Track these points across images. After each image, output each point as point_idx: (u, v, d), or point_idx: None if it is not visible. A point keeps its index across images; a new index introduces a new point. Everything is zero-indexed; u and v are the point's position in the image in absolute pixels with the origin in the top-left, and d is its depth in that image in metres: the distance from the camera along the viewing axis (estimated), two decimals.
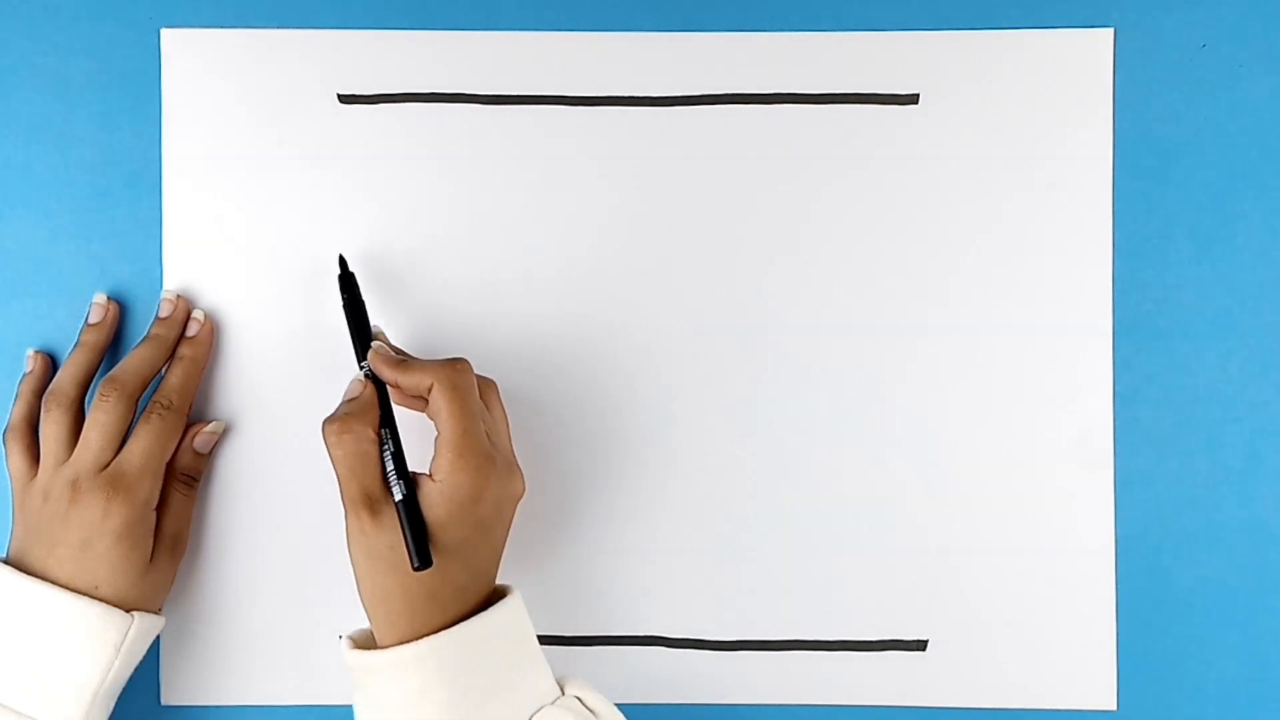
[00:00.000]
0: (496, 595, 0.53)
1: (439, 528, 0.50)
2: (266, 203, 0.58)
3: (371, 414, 0.52)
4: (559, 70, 0.58)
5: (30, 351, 0.58)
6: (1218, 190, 0.58)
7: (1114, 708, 0.58)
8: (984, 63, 0.58)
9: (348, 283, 0.56)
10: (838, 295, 0.58)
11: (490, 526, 0.52)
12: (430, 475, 0.51)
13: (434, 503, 0.50)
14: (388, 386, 0.53)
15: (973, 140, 0.58)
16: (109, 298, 0.58)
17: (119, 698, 0.54)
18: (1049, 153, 0.58)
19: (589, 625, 0.58)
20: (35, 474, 0.55)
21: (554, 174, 0.58)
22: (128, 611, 0.53)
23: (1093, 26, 0.58)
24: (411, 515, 0.50)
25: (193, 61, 0.58)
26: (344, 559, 0.58)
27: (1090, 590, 0.58)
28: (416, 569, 0.49)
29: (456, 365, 0.52)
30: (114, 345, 0.58)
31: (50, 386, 0.56)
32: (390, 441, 0.52)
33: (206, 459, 0.58)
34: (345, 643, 0.52)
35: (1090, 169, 0.58)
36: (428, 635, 0.50)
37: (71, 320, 0.58)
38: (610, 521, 0.58)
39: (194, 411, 0.58)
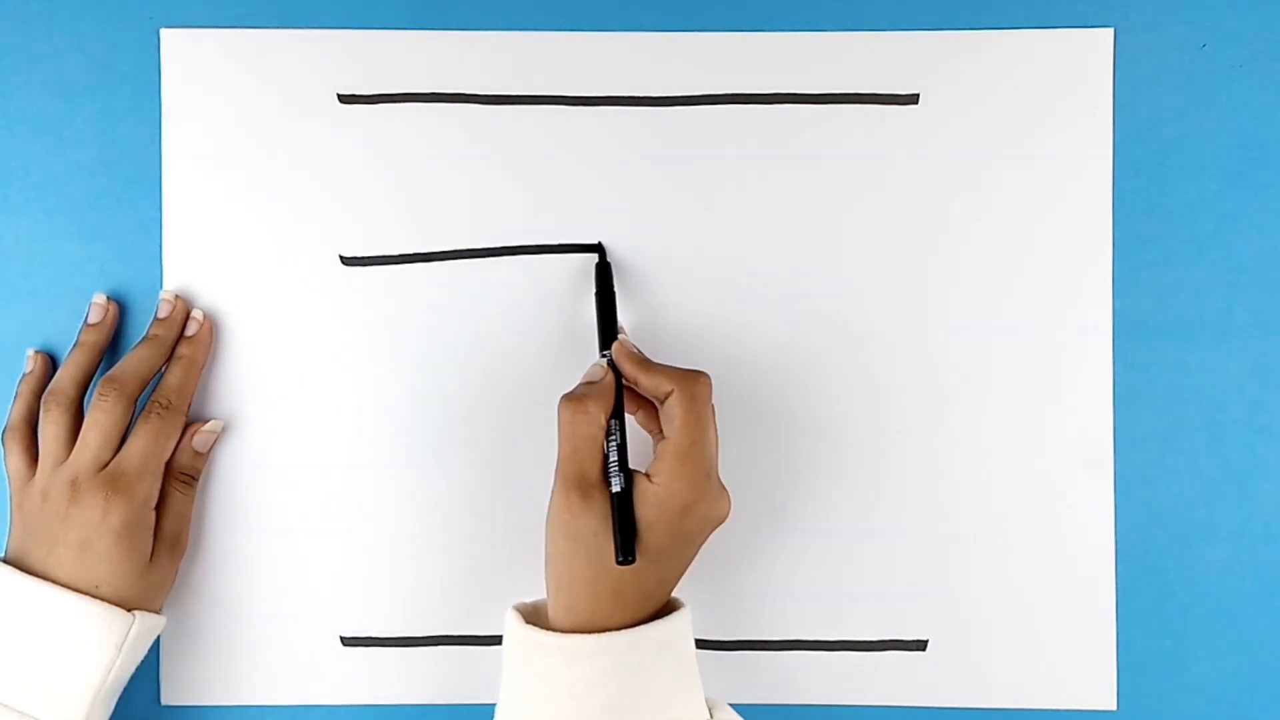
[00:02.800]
0: (667, 608, 0.53)
1: (645, 529, 0.50)
2: (266, 203, 0.58)
3: (608, 401, 0.52)
4: (559, 70, 0.58)
5: (30, 351, 0.58)
6: (1218, 190, 0.58)
7: (1114, 708, 0.58)
8: (984, 63, 0.58)
9: (603, 271, 0.56)
10: (837, 295, 0.58)
11: (690, 540, 0.52)
12: (649, 476, 0.51)
13: (647, 503, 0.51)
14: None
15: (973, 140, 0.58)
16: (109, 298, 0.58)
17: (119, 697, 0.54)
18: (1049, 153, 0.58)
19: None
20: (34, 474, 0.55)
21: (554, 174, 0.58)
22: (129, 611, 0.53)
23: (1093, 26, 0.58)
24: (625, 510, 0.50)
25: (193, 61, 0.58)
26: (343, 559, 0.58)
27: (1090, 590, 0.58)
28: (619, 563, 0.50)
29: (700, 377, 0.52)
30: (114, 345, 0.58)
31: (50, 386, 0.56)
32: (617, 433, 0.52)
33: (205, 458, 0.58)
34: (515, 615, 0.52)
35: (1090, 169, 0.58)
36: (608, 630, 0.50)
37: (71, 320, 0.58)
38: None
39: (193, 411, 0.58)
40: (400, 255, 0.59)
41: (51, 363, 0.58)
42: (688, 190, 0.58)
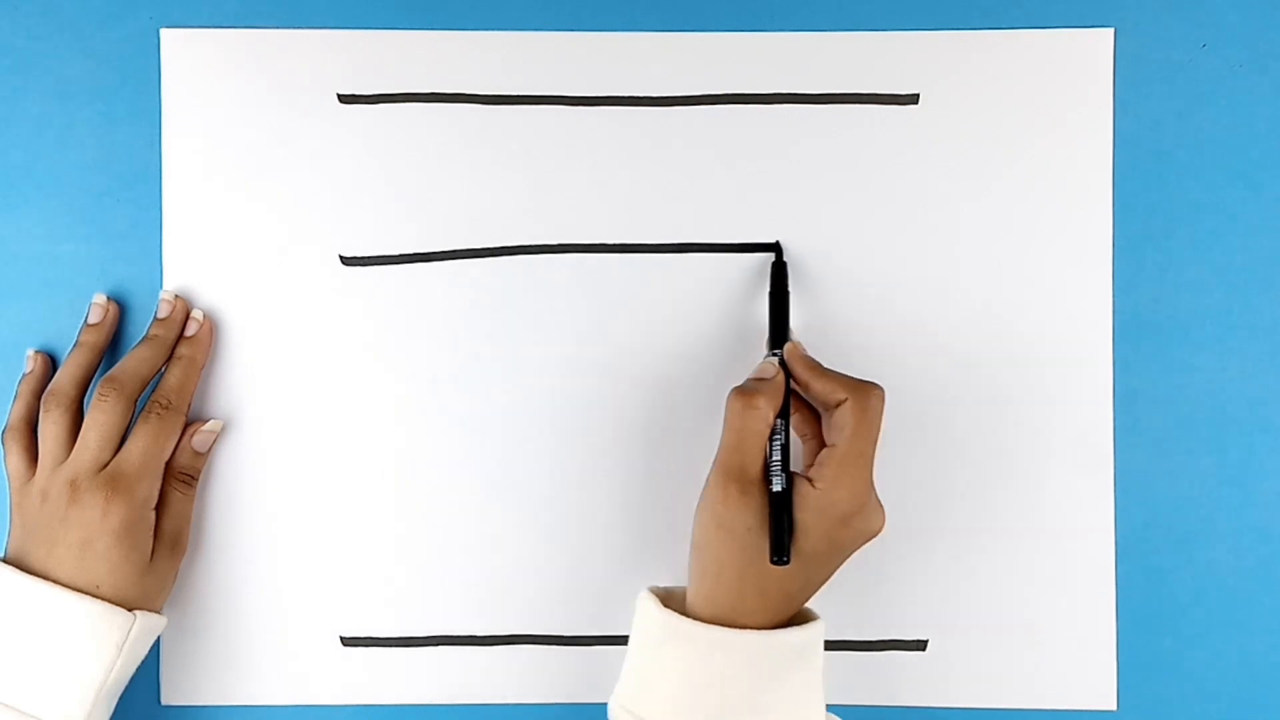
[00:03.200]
0: (802, 615, 0.53)
1: (801, 532, 0.51)
2: (266, 203, 0.58)
3: (777, 399, 0.52)
4: (559, 70, 0.58)
5: (30, 351, 0.58)
6: (1218, 190, 0.58)
7: (1114, 708, 0.58)
8: (984, 63, 0.58)
9: (779, 271, 0.56)
10: (837, 295, 0.58)
11: (841, 550, 0.52)
12: (810, 480, 0.51)
13: (807, 507, 0.51)
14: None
15: (973, 140, 0.58)
16: (109, 298, 0.58)
17: (119, 697, 0.54)
18: (1049, 153, 0.58)
19: (589, 625, 0.58)
20: (34, 474, 0.55)
21: (554, 174, 0.58)
22: (129, 611, 0.53)
23: (1093, 26, 0.58)
24: (785, 510, 0.51)
25: (193, 61, 0.58)
26: (343, 559, 0.58)
27: (1090, 590, 0.58)
28: (774, 562, 0.50)
29: (874, 389, 0.52)
30: (114, 345, 0.58)
31: (50, 386, 0.56)
32: (782, 433, 0.52)
33: (205, 458, 0.58)
34: (651, 598, 0.52)
35: (1090, 169, 0.58)
36: (747, 627, 0.50)
37: (71, 320, 0.58)
38: (609, 522, 0.58)
39: (193, 411, 0.58)
40: (400, 255, 0.59)
41: (51, 363, 0.58)
42: (688, 190, 0.58)
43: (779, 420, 0.52)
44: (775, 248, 0.58)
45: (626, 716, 0.51)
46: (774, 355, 0.55)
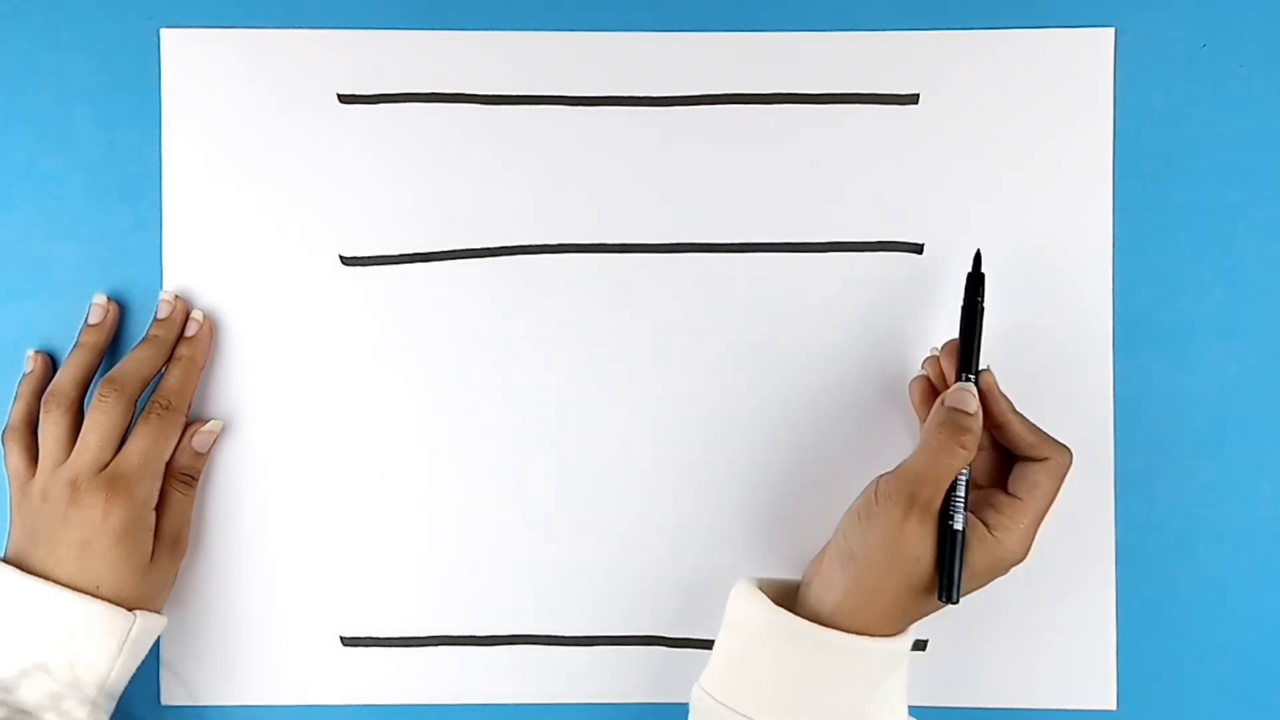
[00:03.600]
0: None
1: (969, 575, 0.51)
2: (266, 203, 0.58)
3: (978, 434, 0.52)
4: (559, 70, 0.58)
5: (30, 351, 0.58)
6: (1218, 190, 0.58)
7: (1114, 708, 0.58)
8: (984, 63, 0.58)
9: (976, 285, 0.55)
10: (837, 295, 0.58)
11: (971, 595, 0.52)
12: (989, 526, 0.51)
13: (982, 553, 0.51)
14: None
15: (973, 140, 0.58)
16: (109, 298, 0.58)
17: (119, 698, 0.54)
18: (1049, 153, 0.58)
19: (589, 625, 0.58)
20: (34, 474, 0.55)
21: (554, 174, 0.58)
22: (130, 611, 0.53)
23: (1093, 26, 0.58)
24: (961, 552, 0.51)
25: (193, 61, 0.58)
26: (343, 559, 0.58)
27: (1090, 590, 0.58)
28: (942, 600, 0.50)
29: (1069, 454, 0.52)
30: (114, 345, 0.58)
31: (50, 387, 0.56)
32: (968, 470, 0.52)
33: (205, 458, 0.58)
34: (761, 596, 0.52)
35: (1090, 169, 0.58)
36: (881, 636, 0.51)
37: (71, 320, 0.58)
38: (609, 522, 0.58)
39: (193, 411, 0.58)
40: (400, 255, 0.59)
41: (51, 363, 0.58)
42: (688, 190, 0.58)
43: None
44: (975, 259, 0.55)
45: (718, 709, 0.51)
46: (967, 379, 0.53)
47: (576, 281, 0.58)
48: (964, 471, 0.51)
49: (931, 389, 0.56)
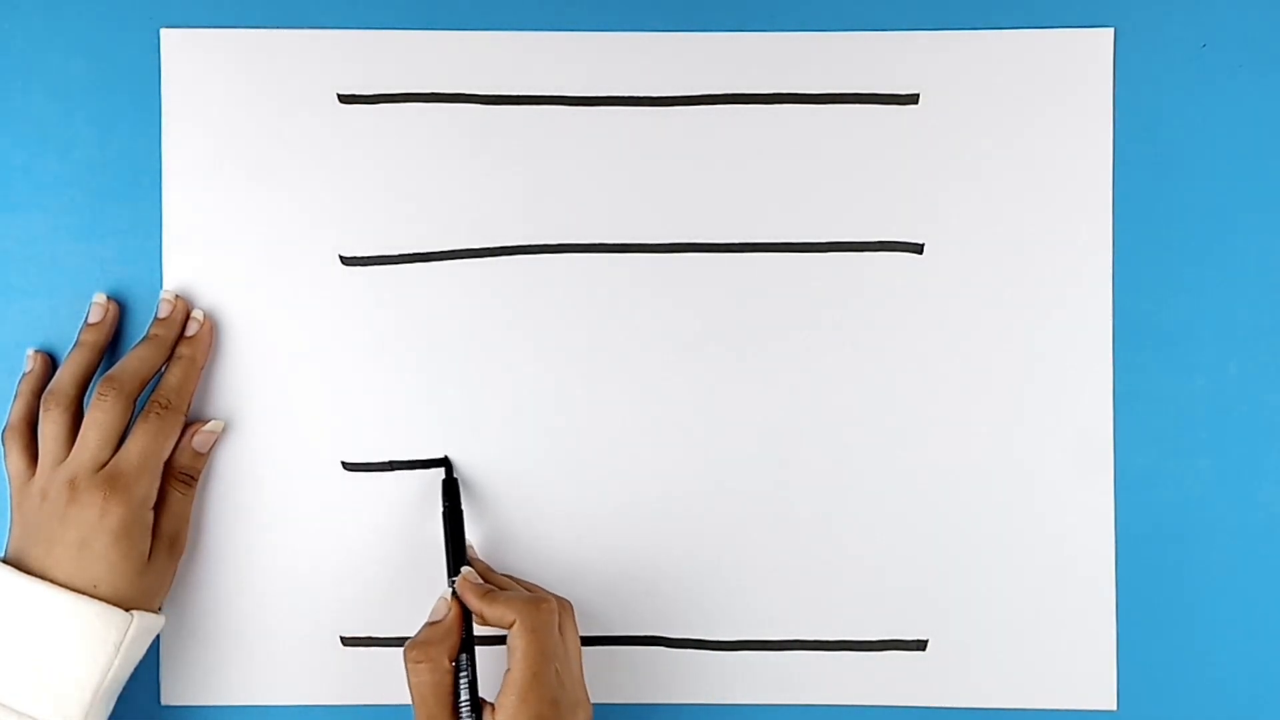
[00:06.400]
0: None
1: None
2: (266, 203, 0.58)
3: (451, 640, 0.52)
4: (559, 70, 0.58)
5: (30, 351, 0.58)
6: (1218, 190, 0.58)
7: (1114, 708, 0.58)
8: (984, 63, 0.58)
9: (450, 489, 0.56)
10: (837, 294, 0.58)
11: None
12: (494, 712, 0.51)
13: None
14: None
15: (973, 140, 0.58)
16: (109, 298, 0.58)
17: (119, 697, 0.54)
18: (1049, 153, 0.58)
19: (589, 625, 0.58)
20: (34, 473, 0.55)
21: (554, 174, 0.58)
22: (127, 610, 0.53)
23: (1093, 26, 0.58)
24: None
25: (193, 61, 0.58)
26: (343, 559, 0.58)
27: (1090, 590, 0.58)
28: None
29: (540, 605, 0.52)
30: (114, 345, 0.58)
31: (49, 386, 0.56)
32: (468, 669, 0.52)
33: (205, 458, 0.58)
34: None
35: (1090, 169, 0.58)
36: None
37: (71, 320, 0.58)
38: (610, 522, 0.58)
39: (193, 411, 0.58)
40: (400, 255, 0.59)
41: (51, 362, 0.58)
42: (688, 190, 0.58)
43: (463, 655, 0.52)
44: (445, 463, 0.57)
45: None
46: (450, 584, 0.54)
47: (576, 281, 0.58)
48: (463, 671, 0.52)
49: None
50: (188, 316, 0.58)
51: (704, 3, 0.58)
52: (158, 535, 0.55)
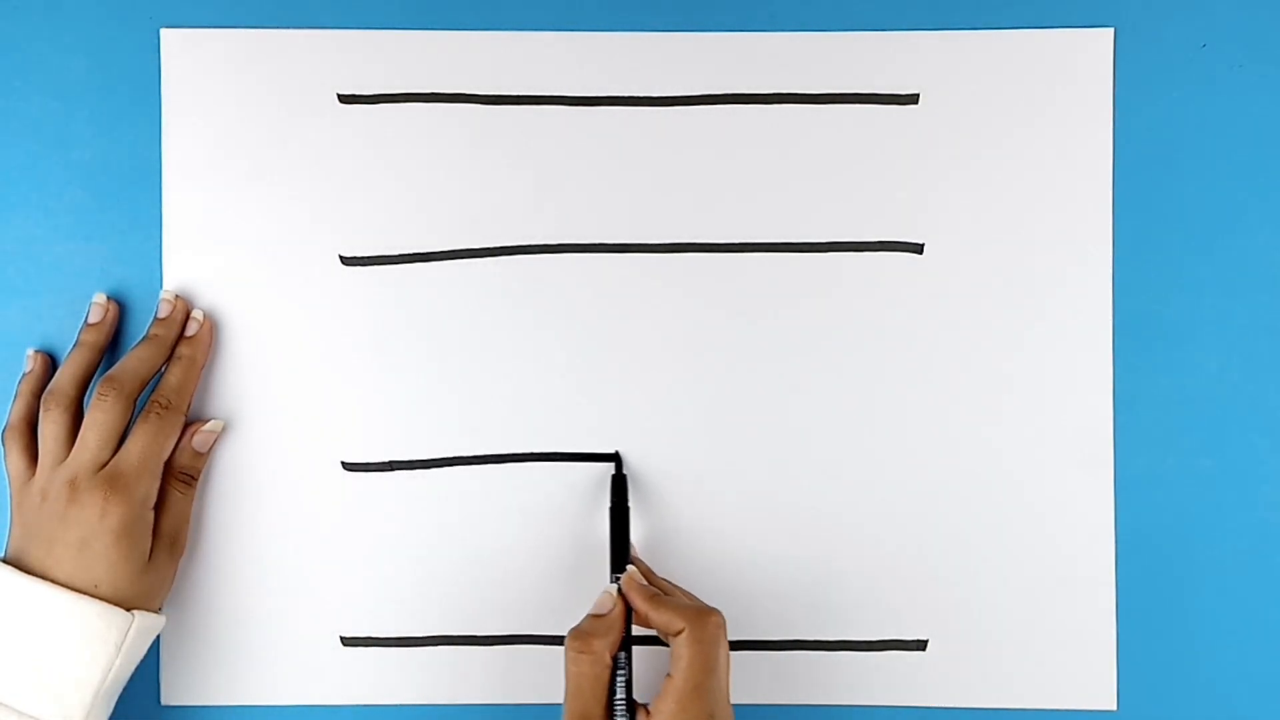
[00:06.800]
0: None
1: None
2: (266, 203, 0.58)
3: (614, 635, 0.52)
4: (559, 70, 0.58)
5: (30, 351, 0.58)
6: (1218, 190, 0.58)
7: (1114, 708, 0.58)
8: (984, 63, 0.58)
9: (619, 485, 0.56)
10: (837, 294, 0.58)
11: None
12: (649, 715, 0.51)
13: None
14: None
15: (973, 140, 0.58)
16: (109, 298, 0.58)
17: (119, 697, 0.54)
18: (1049, 153, 0.58)
19: None
20: (34, 473, 0.55)
21: (554, 174, 0.58)
22: (128, 610, 0.53)
23: (1093, 26, 0.58)
24: None
25: (193, 61, 0.58)
26: (343, 559, 0.58)
27: (1090, 590, 0.58)
28: None
29: (711, 618, 0.52)
30: (114, 345, 0.58)
31: (49, 386, 0.56)
32: (626, 667, 0.52)
33: (205, 458, 0.58)
34: None
35: (1090, 169, 0.58)
36: None
37: (71, 320, 0.58)
38: (609, 521, 0.58)
39: (193, 411, 0.58)
40: (400, 255, 0.59)
41: (51, 363, 0.58)
42: (688, 190, 0.58)
43: (621, 654, 0.52)
44: (615, 459, 0.57)
45: None
46: (615, 581, 0.54)
47: (577, 281, 0.58)
48: (621, 669, 0.52)
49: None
50: (188, 316, 0.58)
51: (704, 3, 0.58)
52: (158, 535, 0.55)
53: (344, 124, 0.58)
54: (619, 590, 0.54)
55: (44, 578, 0.52)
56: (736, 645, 0.58)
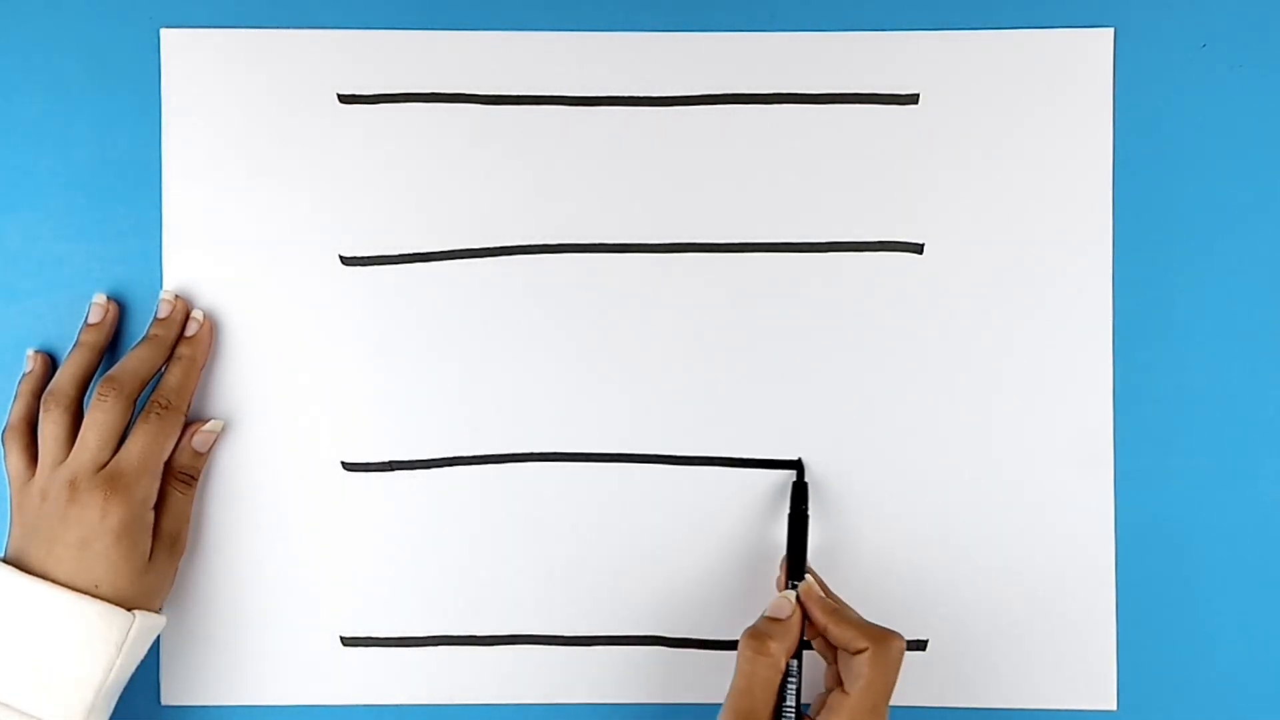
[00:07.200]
0: None
1: None
2: (266, 203, 0.58)
3: (791, 640, 0.52)
4: (559, 70, 0.58)
5: (30, 351, 0.58)
6: (1218, 190, 0.58)
7: (1114, 708, 0.58)
8: (984, 63, 0.58)
9: (800, 492, 0.56)
10: (837, 294, 0.58)
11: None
12: None
13: None
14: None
15: (973, 140, 0.58)
16: (109, 298, 0.58)
17: (119, 697, 0.54)
18: (1049, 153, 0.58)
19: (589, 625, 0.58)
20: (34, 473, 0.55)
21: (554, 174, 0.58)
22: (128, 610, 0.53)
23: (1093, 26, 0.58)
24: None
25: (193, 61, 0.58)
26: (343, 558, 0.58)
27: (1090, 590, 0.58)
28: None
29: (896, 641, 0.51)
30: (114, 345, 0.58)
31: (49, 386, 0.56)
32: (798, 675, 0.52)
33: (205, 458, 0.58)
34: None
35: (1090, 169, 0.58)
36: None
37: (71, 320, 0.58)
38: (609, 521, 0.58)
39: (193, 411, 0.58)
40: (400, 255, 0.59)
41: (51, 363, 0.58)
42: (688, 190, 0.58)
43: (793, 661, 0.52)
44: (797, 466, 0.57)
45: None
46: (792, 587, 0.54)
47: (576, 281, 0.58)
48: (791, 677, 0.52)
49: None
50: (188, 316, 0.58)
51: (704, 3, 0.58)
52: (158, 535, 0.55)
53: (344, 124, 0.58)
54: (797, 598, 0.53)
55: (44, 578, 0.52)
56: (734, 645, 0.58)
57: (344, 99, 0.58)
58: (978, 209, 0.58)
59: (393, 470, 0.59)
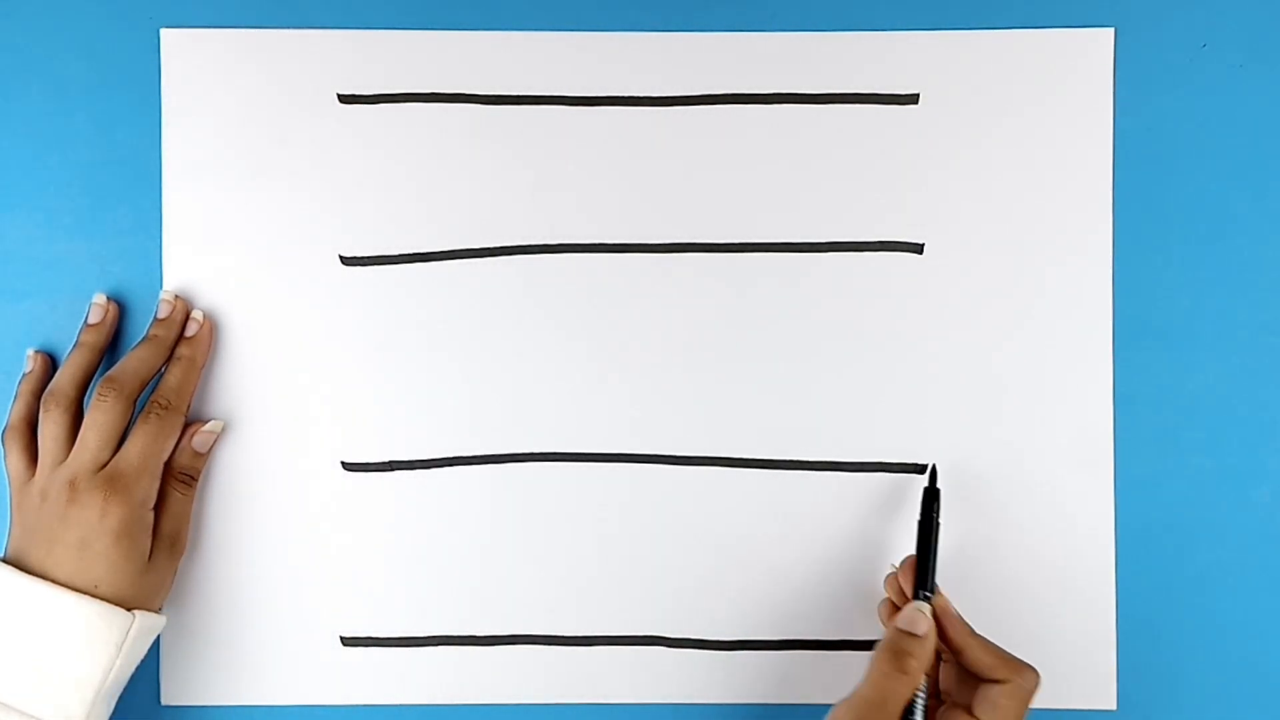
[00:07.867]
0: None
1: None
2: (266, 203, 0.58)
3: (928, 657, 0.51)
4: (559, 70, 0.58)
5: (30, 351, 0.58)
6: (1218, 190, 0.58)
7: (1114, 708, 0.58)
8: (984, 63, 0.58)
9: (931, 500, 0.55)
10: (837, 294, 0.58)
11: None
12: None
13: None
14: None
15: (973, 140, 0.58)
16: (109, 298, 0.58)
17: (119, 697, 0.54)
18: (1049, 153, 0.58)
19: (589, 625, 0.58)
20: (34, 474, 0.55)
21: (553, 174, 0.58)
22: (128, 610, 0.53)
23: (1093, 26, 0.58)
24: None
25: (193, 61, 0.58)
26: (343, 558, 0.58)
27: (1090, 590, 0.58)
28: None
29: (1034, 676, 0.51)
30: (114, 345, 0.58)
31: (49, 386, 0.56)
32: (926, 693, 0.51)
33: (205, 458, 0.58)
34: None
35: (1090, 169, 0.58)
36: None
37: (71, 320, 0.58)
38: (610, 521, 0.58)
39: (193, 411, 0.58)
40: (400, 255, 0.59)
41: (51, 363, 0.58)
42: (688, 190, 0.58)
43: (925, 677, 0.51)
44: (930, 472, 0.56)
45: None
46: (923, 599, 0.53)
47: (576, 281, 0.59)
48: (920, 694, 0.51)
49: (896, 611, 0.55)
50: (188, 317, 0.58)
51: (704, 3, 0.58)
52: (158, 535, 0.55)
53: (344, 124, 0.59)
54: (932, 612, 0.53)
55: (44, 578, 0.52)
56: (737, 645, 0.58)
57: (344, 99, 0.58)
58: (977, 209, 0.58)
59: (393, 470, 0.59)
